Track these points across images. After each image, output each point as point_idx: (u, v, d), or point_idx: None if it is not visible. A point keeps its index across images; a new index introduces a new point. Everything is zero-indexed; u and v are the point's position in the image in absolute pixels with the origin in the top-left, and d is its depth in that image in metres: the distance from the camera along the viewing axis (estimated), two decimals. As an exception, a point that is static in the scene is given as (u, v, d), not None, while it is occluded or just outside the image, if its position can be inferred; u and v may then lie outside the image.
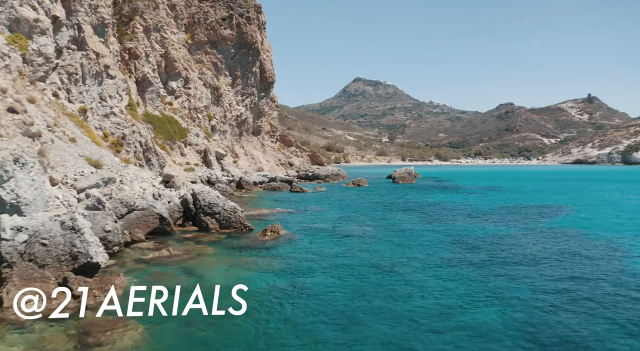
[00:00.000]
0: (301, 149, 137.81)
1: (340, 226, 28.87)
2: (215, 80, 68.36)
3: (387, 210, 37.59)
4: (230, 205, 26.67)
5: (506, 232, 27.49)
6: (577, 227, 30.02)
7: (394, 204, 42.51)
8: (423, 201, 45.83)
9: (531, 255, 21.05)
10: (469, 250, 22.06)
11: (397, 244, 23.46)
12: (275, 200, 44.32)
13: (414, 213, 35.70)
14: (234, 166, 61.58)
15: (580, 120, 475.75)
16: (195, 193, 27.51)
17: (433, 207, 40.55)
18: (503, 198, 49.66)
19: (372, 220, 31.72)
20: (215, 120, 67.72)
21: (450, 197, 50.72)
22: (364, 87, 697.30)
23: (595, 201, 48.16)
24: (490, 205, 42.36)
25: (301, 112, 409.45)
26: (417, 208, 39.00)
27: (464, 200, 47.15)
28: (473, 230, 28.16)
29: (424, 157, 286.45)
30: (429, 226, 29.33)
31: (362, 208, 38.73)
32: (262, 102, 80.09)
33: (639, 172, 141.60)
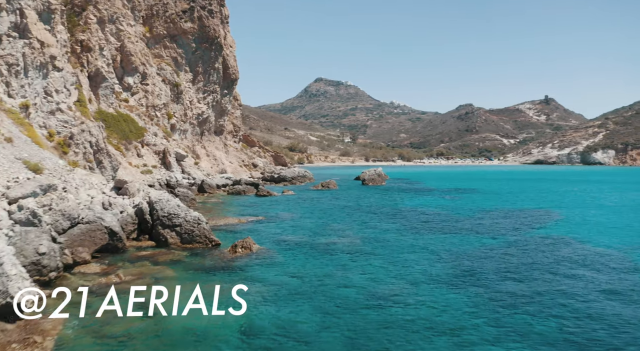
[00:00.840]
0: (264, 149, 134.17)
1: (319, 238, 25.52)
2: (175, 76, 64.21)
3: (365, 217, 34.43)
4: (193, 216, 22.98)
5: (505, 243, 24.67)
6: (575, 234, 27.39)
7: (370, 209, 39.39)
8: (400, 206, 42.85)
9: (545, 275, 18.15)
10: (471, 270, 19.06)
11: (388, 261, 20.27)
12: (242, 206, 40.65)
13: (394, 221, 32.64)
14: (196, 168, 57.61)
15: (538, 121, 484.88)
16: (152, 202, 23.76)
17: (413, 213, 37.56)
18: (483, 202, 47.12)
19: (351, 230, 28.50)
20: (175, 119, 63.56)
21: (428, 201, 47.95)
22: (326, 87, 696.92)
23: (580, 204, 46.05)
24: (473, 211, 39.61)
25: (263, 112, 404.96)
26: (396, 215, 35.95)
27: (443, 205, 44.37)
28: (467, 241, 25.21)
29: (387, 158, 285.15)
30: (416, 237, 26.25)
31: (338, 215, 35.49)
32: (225, 100, 76.14)
33: (602, 172, 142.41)
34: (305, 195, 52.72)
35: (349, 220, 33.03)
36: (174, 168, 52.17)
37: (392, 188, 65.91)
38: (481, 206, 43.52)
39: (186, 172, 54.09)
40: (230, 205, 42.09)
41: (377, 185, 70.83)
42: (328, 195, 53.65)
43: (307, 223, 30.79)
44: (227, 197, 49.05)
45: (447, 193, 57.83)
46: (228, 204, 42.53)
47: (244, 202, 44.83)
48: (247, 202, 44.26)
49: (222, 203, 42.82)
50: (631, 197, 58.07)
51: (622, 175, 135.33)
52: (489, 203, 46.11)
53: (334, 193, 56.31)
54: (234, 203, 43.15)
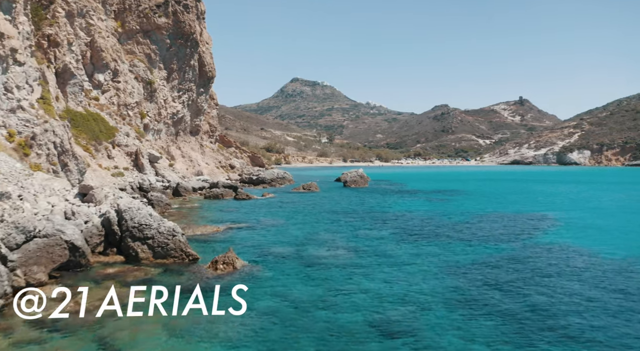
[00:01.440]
0: (241, 150, 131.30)
1: (308, 249, 23.06)
2: (148, 74, 61.17)
3: (354, 223, 32.11)
4: (167, 227, 20.34)
5: (512, 253, 22.56)
6: (581, 242, 25.37)
7: (357, 214, 37.07)
8: (388, 210, 40.60)
9: (563, 286, 15.94)
10: (483, 286, 16.84)
11: (388, 279, 17.99)
12: (220, 211, 37.98)
13: (385, 228, 30.40)
14: (170, 170, 54.70)
15: (512, 122, 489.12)
16: (121, 211, 21.07)
17: (404, 218, 35.31)
18: (473, 205, 45.17)
19: (341, 239, 26.10)
20: (149, 118, 60.53)
21: (416, 204, 45.79)
22: (302, 87, 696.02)
23: (573, 206, 44.29)
24: (466, 215, 37.53)
25: (238, 112, 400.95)
26: (386, 221, 33.68)
27: (433, 209, 42.19)
28: (471, 251, 23.08)
29: (365, 158, 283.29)
30: (413, 248, 23.99)
31: (324, 221, 33.10)
32: (200, 98, 73.20)
33: (580, 173, 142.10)
34: (287, 198, 50.21)
35: (337, 227, 30.66)
36: (147, 170, 49.25)
37: (376, 190, 63.65)
38: (472, 210, 41.53)
39: (160, 175, 51.20)
40: (208, 210, 39.40)
41: (359, 187, 68.55)
42: (310, 198, 51.22)
43: (292, 232, 28.31)
44: (204, 201, 46.31)
45: (434, 196, 55.80)
46: (205, 209, 39.84)
47: (222, 206, 42.18)
48: (225, 207, 41.61)
49: (199, 208, 40.10)
50: (620, 197, 56.84)
51: (600, 175, 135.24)
52: (479, 207, 44.16)
53: (316, 196, 53.90)
54: (212, 208, 40.47)
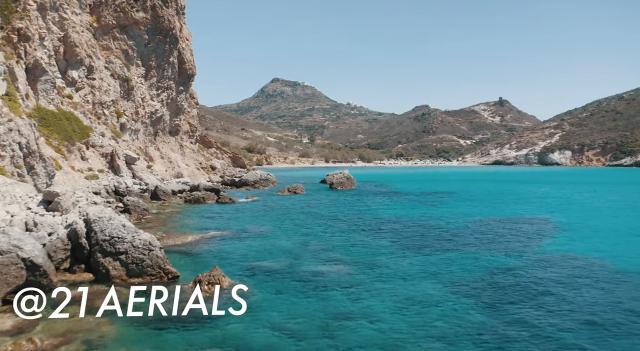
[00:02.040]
0: (222, 151, 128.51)
1: (301, 263, 20.60)
2: (125, 71, 58.23)
3: (347, 231, 29.74)
4: (143, 240, 17.74)
5: (523, 263, 20.45)
6: (594, 248, 23.31)
7: (349, 220, 34.69)
8: (381, 215, 38.26)
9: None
10: (503, 303, 14.62)
11: (396, 300, 15.69)
12: (202, 217, 35.35)
13: (381, 235, 28.09)
14: (148, 172, 51.88)
15: (492, 122, 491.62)
16: (90, 221, 18.45)
17: (399, 224, 33.04)
18: (469, 209, 43.12)
19: (337, 250, 23.65)
20: (126, 118, 57.62)
21: (409, 208, 43.55)
22: (282, 87, 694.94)
23: (570, 207, 42.44)
24: (464, 220, 35.37)
25: (219, 112, 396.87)
26: (382, 227, 31.38)
27: (428, 213, 39.93)
28: (481, 263, 20.87)
29: (347, 159, 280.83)
30: (417, 260, 21.72)
31: (315, 228, 30.67)
32: (180, 97, 70.32)
33: (563, 173, 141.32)
34: (272, 202, 47.69)
35: (330, 235, 28.23)
36: (123, 172, 46.43)
37: (364, 192, 61.31)
38: (469, 213, 39.42)
39: (137, 177, 48.40)
40: (189, 215, 36.73)
41: (346, 189, 66.16)
42: (297, 201, 48.77)
43: (282, 241, 25.81)
44: (185, 205, 43.59)
45: (425, 198, 53.65)
46: (186, 214, 37.16)
47: (204, 211, 39.54)
48: (207, 211, 38.99)
49: (179, 214, 37.37)
50: (613, 197, 55.38)
51: (584, 175, 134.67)
52: (475, 210, 42.10)
53: (302, 199, 51.43)
54: (193, 213, 37.82)
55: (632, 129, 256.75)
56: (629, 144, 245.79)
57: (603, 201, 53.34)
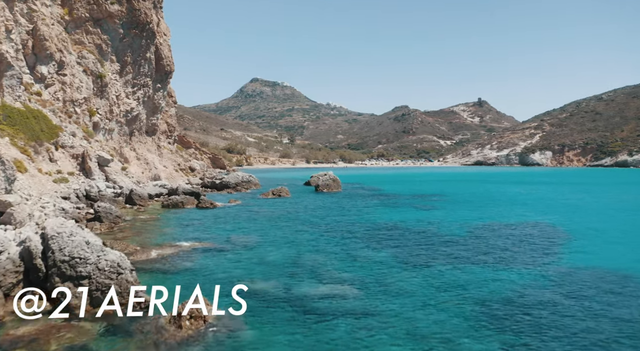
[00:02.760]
0: (201, 151, 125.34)
1: (298, 284, 17.66)
2: (98, 66, 54.74)
3: (343, 241, 26.83)
4: (111, 261, 14.65)
5: (545, 280, 17.81)
6: (611, 259, 20.73)
7: (342, 228, 31.78)
8: (375, 221, 35.34)
9: None
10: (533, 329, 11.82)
11: (414, 334, 12.85)
12: (181, 225, 32.16)
13: (382, 246, 25.30)
14: (123, 174, 48.49)
15: (472, 123, 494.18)
16: (47, 237, 15.33)
17: (397, 232, 30.23)
18: (466, 213, 40.47)
19: (336, 266, 20.69)
20: (99, 116, 54.15)
21: (403, 213, 40.66)
22: (262, 87, 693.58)
23: (573, 211, 40.00)
24: (465, 226, 32.72)
25: (197, 112, 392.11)
26: (380, 236, 28.54)
27: (425, 218, 37.11)
28: (498, 279, 18.30)
29: (328, 159, 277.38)
30: (427, 277, 19.03)
31: (306, 238, 27.70)
32: (158, 95, 66.88)
33: (547, 174, 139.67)
34: (256, 207, 44.60)
35: (325, 246, 25.24)
36: (95, 175, 43.06)
37: (352, 195, 58.33)
38: (469, 219, 36.77)
39: (111, 180, 45.04)
40: (167, 222, 33.53)
41: (332, 191, 63.19)
42: (282, 205, 45.76)
43: (272, 255, 22.74)
44: (162, 211, 40.33)
45: (417, 202, 50.89)
46: (164, 221, 33.93)
47: (183, 217, 36.38)
48: (187, 218, 35.84)
49: (155, 221, 34.09)
50: (608, 197, 53.37)
51: (569, 175, 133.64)
52: (474, 215, 39.47)
53: (288, 203, 48.39)
54: (171, 220, 34.63)
55: (611, 130, 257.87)
56: (609, 145, 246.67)
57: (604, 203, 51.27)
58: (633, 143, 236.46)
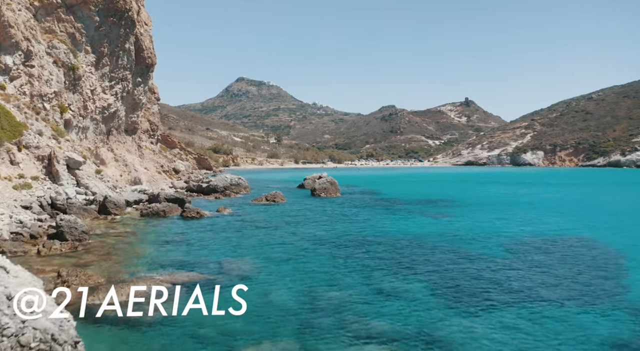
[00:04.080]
0: (186, 151, 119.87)
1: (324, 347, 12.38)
2: (71, 57, 49.02)
3: (363, 267, 21.40)
4: (42, 330, 9.24)
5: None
6: None
7: (356, 246, 26.37)
8: (391, 236, 29.97)
9: None
10: None
11: None
12: (161, 243, 26.50)
13: (410, 273, 20.11)
14: (97, 178, 42.88)
15: (459, 123, 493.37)
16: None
17: (419, 251, 24.93)
18: (491, 224, 35.24)
19: (366, 312, 15.24)
20: (71, 113, 48.47)
21: (419, 225, 35.19)
22: (248, 87, 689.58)
23: (604, 219, 35.08)
24: (499, 242, 27.53)
25: (182, 111, 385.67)
26: (402, 257, 23.28)
27: (446, 231, 31.70)
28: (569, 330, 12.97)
29: (317, 159, 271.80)
30: (486, 329, 13.87)
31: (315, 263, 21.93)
32: (138, 90, 61.17)
33: (545, 174, 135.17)
34: (249, 215, 39.11)
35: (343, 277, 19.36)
36: (63, 179, 37.44)
37: (353, 201, 52.60)
38: (498, 231, 31.58)
39: (83, 185, 39.46)
40: (144, 239, 27.93)
41: (331, 196, 57.64)
42: (279, 214, 40.32)
43: (278, 295, 16.83)
44: (141, 222, 34.63)
45: (428, 209, 45.54)
46: (140, 237, 28.29)
47: (164, 230, 30.85)
48: (169, 232, 30.31)
49: (130, 237, 28.35)
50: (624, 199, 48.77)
51: (565, 176, 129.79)
52: (498, 225, 34.33)
53: (285, 211, 42.90)
54: (149, 236, 29.02)
55: (603, 129, 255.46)
56: (601, 144, 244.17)
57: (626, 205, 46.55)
58: (626, 143, 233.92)
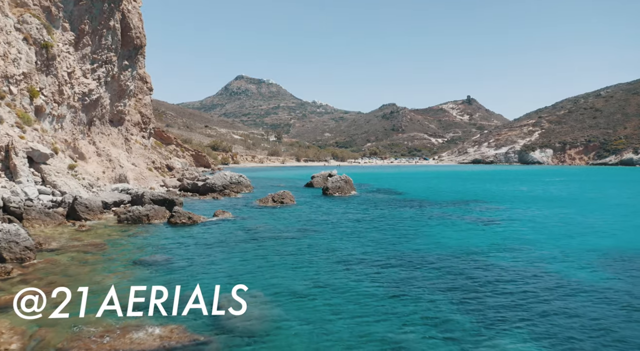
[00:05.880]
0: (183, 148, 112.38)
1: None
2: (45, 34, 41.51)
3: (434, 314, 14.14)
4: None
5: None
6: None
7: (404, 269, 19.04)
8: (438, 249, 22.69)
9: None
10: None
11: None
12: (133, 268, 18.58)
13: (517, 324, 12.82)
14: (69, 175, 35.40)
15: (461, 121, 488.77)
16: None
17: (489, 277, 17.66)
18: (549, 228, 27.94)
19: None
20: (44, 98, 40.95)
21: (470, 234, 27.69)
22: (247, 85, 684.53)
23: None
24: (574, 258, 20.19)
25: (181, 109, 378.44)
26: (474, 292, 15.98)
27: (511, 245, 24.37)
28: None
29: (319, 157, 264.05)
30: None
31: (355, 305, 14.63)
32: (125, 74, 53.64)
33: (559, 172, 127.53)
34: (254, 221, 31.57)
35: (404, 340, 12.37)
36: (23, 175, 29.97)
37: (374, 202, 44.83)
38: (567, 243, 24.27)
39: (50, 182, 32.06)
40: (113, 258, 20.14)
41: (345, 195, 50.08)
42: (291, 219, 32.81)
43: None
44: (116, 231, 26.94)
45: (465, 212, 37.94)
46: (107, 257, 20.40)
47: (142, 245, 23.26)
48: (148, 247, 22.72)
49: (94, 254, 20.67)
50: None
51: (583, 174, 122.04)
52: (571, 238, 26.96)
53: (297, 214, 35.38)
54: (121, 253, 21.27)
55: (614, 127, 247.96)
56: (612, 142, 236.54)
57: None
58: (638, 140, 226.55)
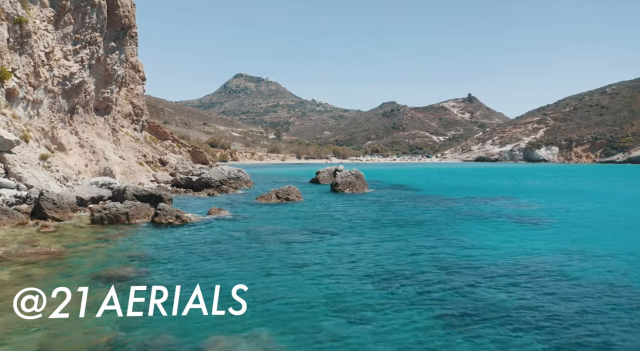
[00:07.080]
0: (179, 144, 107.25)
1: None
2: (19, 8, 36.50)
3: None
4: None
5: None
6: None
7: (457, 291, 14.26)
8: (486, 259, 17.83)
9: None
10: None
11: None
12: (97, 287, 13.67)
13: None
14: (41, 167, 30.40)
15: (462, 119, 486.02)
16: None
17: (562, 308, 12.81)
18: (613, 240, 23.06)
19: None
20: (16, 81, 35.89)
21: (513, 237, 22.76)
22: (246, 83, 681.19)
23: None
24: None
25: (179, 106, 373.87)
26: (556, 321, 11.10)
27: (552, 240, 19.58)
28: None
29: (320, 155, 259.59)
30: None
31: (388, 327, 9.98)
32: (112, 57, 48.60)
33: (573, 170, 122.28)
34: (256, 220, 26.58)
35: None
36: (-22, 166, 25.09)
37: (389, 199, 39.67)
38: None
39: (14, 174, 27.12)
40: (67, 274, 14.96)
41: (357, 192, 44.95)
42: (298, 219, 27.81)
43: None
44: (85, 233, 21.81)
45: (497, 207, 33.10)
46: (58, 272, 15.27)
47: (113, 251, 18.21)
48: (120, 256, 17.60)
49: (45, 268, 15.50)
50: None
51: (593, 172, 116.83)
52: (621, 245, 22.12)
53: (305, 213, 30.39)
54: (80, 266, 16.05)
55: (620, 124, 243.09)
56: (619, 140, 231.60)
57: None
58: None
